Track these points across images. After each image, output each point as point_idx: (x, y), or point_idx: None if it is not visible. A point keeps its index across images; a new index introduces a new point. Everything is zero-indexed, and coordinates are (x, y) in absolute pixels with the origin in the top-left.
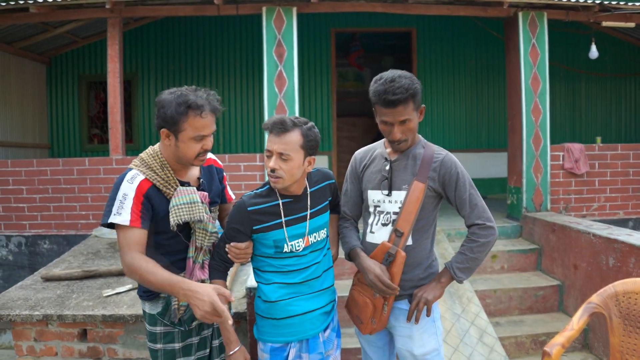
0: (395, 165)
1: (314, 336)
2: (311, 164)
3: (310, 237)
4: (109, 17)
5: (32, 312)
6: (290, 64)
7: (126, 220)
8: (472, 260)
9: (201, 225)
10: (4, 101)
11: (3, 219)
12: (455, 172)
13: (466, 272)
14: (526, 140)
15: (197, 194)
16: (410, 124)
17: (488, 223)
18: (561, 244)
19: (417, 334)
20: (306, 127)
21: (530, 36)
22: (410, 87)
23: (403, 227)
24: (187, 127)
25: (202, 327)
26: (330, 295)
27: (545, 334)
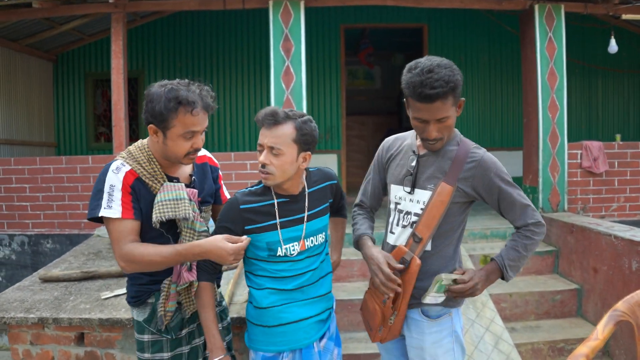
0: (423, 160)
1: (308, 346)
2: (306, 161)
3: (307, 241)
4: (113, 12)
5: (28, 314)
6: (298, 59)
7: (117, 213)
8: (523, 259)
9: (187, 224)
10: (9, 99)
11: (6, 218)
12: (496, 177)
13: (515, 270)
14: (542, 138)
15: (184, 190)
16: (448, 121)
17: (542, 220)
18: (580, 246)
19: (431, 347)
20: (301, 120)
21: (547, 30)
22: (451, 80)
23: (422, 233)
24: (177, 124)
25: (192, 335)
26: (326, 303)
27: (563, 341)
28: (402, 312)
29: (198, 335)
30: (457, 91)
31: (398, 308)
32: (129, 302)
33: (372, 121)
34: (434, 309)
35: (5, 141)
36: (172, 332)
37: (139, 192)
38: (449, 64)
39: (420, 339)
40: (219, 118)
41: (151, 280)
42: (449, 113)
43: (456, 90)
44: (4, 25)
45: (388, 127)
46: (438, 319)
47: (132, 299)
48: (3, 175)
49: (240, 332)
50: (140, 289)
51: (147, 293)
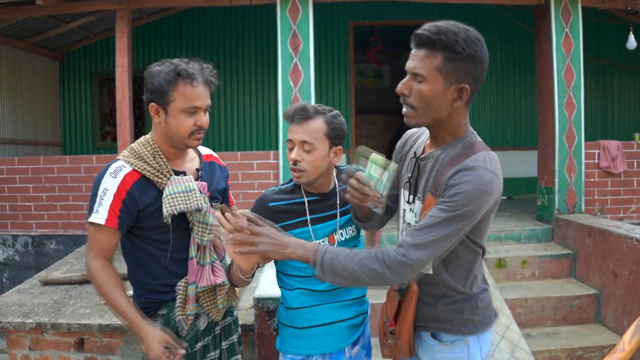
0: (422, 165)
1: (339, 350)
2: (337, 155)
3: (336, 235)
4: (118, 10)
5: (26, 319)
6: (306, 55)
7: (102, 219)
8: (351, 271)
9: (200, 217)
10: (15, 98)
11: (10, 218)
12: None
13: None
14: (559, 137)
15: (193, 182)
16: (423, 87)
17: (406, 259)
18: (599, 250)
19: None
20: (330, 114)
21: (563, 25)
22: (449, 36)
23: None
24: (177, 97)
25: (207, 349)
26: (359, 307)
27: (582, 348)
28: (403, 336)
29: (213, 348)
30: (453, 56)
31: (397, 332)
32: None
33: (381, 120)
34: (445, 334)
35: (10, 140)
36: (189, 347)
37: (141, 194)
38: (471, 33)
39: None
40: (225, 117)
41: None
42: (427, 74)
43: (451, 53)
44: (9, 23)
45: (397, 126)
46: (450, 345)
47: (141, 310)
48: (7, 175)
49: (247, 340)
50: (150, 299)
51: (157, 304)
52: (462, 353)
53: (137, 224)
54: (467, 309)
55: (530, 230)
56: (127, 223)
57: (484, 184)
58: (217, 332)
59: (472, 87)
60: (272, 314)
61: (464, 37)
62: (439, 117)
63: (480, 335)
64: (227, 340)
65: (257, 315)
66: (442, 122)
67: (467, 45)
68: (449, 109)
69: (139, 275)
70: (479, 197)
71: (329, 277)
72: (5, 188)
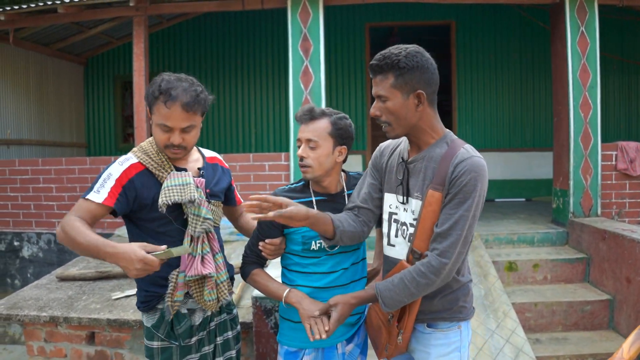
0: (412, 167)
1: (331, 346)
2: (342, 154)
3: None
4: (134, 16)
5: (40, 312)
6: (317, 58)
7: (100, 199)
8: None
9: (193, 210)
10: (41, 101)
11: (34, 217)
12: (466, 182)
13: (392, 303)
14: (574, 138)
15: (191, 177)
16: (388, 104)
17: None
18: (612, 254)
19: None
20: (336, 116)
21: (579, 24)
22: (395, 58)
23: (420, 248)
24: (156, 112)
25: (202, 343)
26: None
27: (591, 355)
28: (408, 330)
29: (207, 343)
30: (400, 72)
31: (404, 327)
32: (138, 307)
33: None
34: (442, 322)
35: (37, 142)
36: (181, 339)
37: (141, 184)
38: (410, 49)
39: (426, 352)
40: (243, 119)
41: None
42: (387, 93)
43: (398, 70)
44: (35, 30)
45: None
46: (445, 331)
47: (141, 304)
48: (31, 175)
49: (247, 337)
50: (150, 293)
51: (156, 298)
52: (456, 338)
53: (140, 214)
54: (462, 297)
55: (544, 233)
56: (123, 207)
57: (481, 168)
58: (212, 327)
59: (427, 90)
60: (270, 313)
61: (404, 54)
62: (411, 123)
63: (468, 321)
64: (222, 336)
65: (255, 313)
66: (417, 127)
67: (409, 60)
68: (417, 115)
69: None
70: (481, 180)
71: (396, 307)
72: (30, 188)
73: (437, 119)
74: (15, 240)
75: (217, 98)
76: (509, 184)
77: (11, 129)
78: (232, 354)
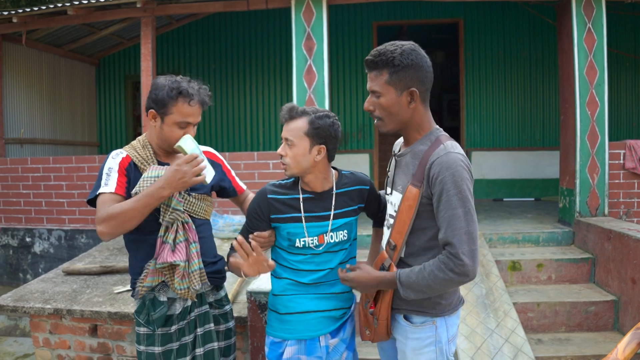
0: (399, 161)
1: (313, 338)
2: (321, 154)
3: (326, 236)
4: (142, 17)
5: (45, 305)
6: (320, 57)
7: (112, 188)
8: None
9: (167, 202)
10: (54, 101)
11: (45, 213)
12: (443, 180)
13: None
14: (580, 137)
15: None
16: (382, 100)
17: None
18: (618, 254)
19: (411, 354)
20: (315, 115)
21: (585, 20)
22: (390, 55)
23: (396, 240)
24: (175, 112)
25: (182, 332)
26: (341, 302)
27: (594, 356)
28: (382, 318)
29: (188, 332)
30: (395, 70)
31: (377, 312)
32: (133, 297)
33: None
34: (416, 315)
35: (50, 141)
36: (156, 325)
37: (132, 175)
38: (405, 47)
39: (404, 343)
40: (251, 118)
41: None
42: (380, 89)
43: (392, 68)
44: (47, 32)
45: None
46: (420, 326)
47: (132, 291)
48: (43, 173)
49: (244, 332)
50: (136, 280)
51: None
52: (430, 333)
53: None
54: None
55: (549, 232)
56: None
57: (454, 163)
58: (192, 317)
59: (420, 88)
60: (264, 308)
61: (400, 52)
62: (403, 119)
63: (447, 318)
64: (203, 327)
65: (249, 308)
66: (407, 123)
67: (404, 57)
68: (409, 112)
69: (132, 261)
70: (458, 175)
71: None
72: (42, 185)
73: (429, 116)
74: (27, 236)
75: (224, 97)
76: (517, 183)
77: (25, 128)
78: (214, 346)
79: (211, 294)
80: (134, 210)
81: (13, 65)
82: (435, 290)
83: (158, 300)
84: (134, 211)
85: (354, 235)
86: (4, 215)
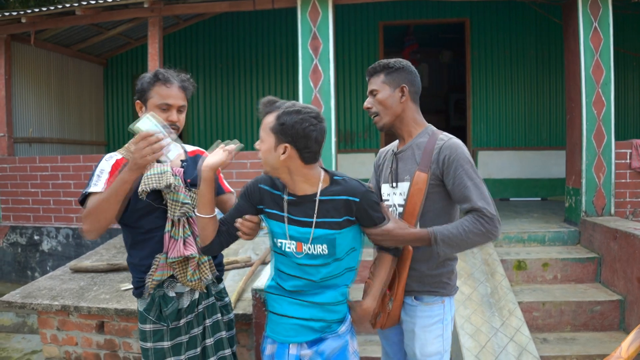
0: (400, 156)
1: (283, 343)
2: (285, 153)
3: (305, 246)
4: (149, 17)
5: (52, 302)
6: (326, 57)
7: (100, 188)
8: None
9: (172, 195)
10: (62, 101)
11: (53, 212)
12: (457, 158)
13: (447, 245)
14: (586, 136)
15: (169, 167)
16: (380, 96)
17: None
18: (624, 254)
19: (420, 331)
20: (284, 110)
21: (592, 20)
22: (386, 63)
23: (408, 221)
24: (154, 95)
25: (190, 325)
26: (322, 313)
27: (599, 356)
28: (398, 297)
29: (197, 325)
30: (389, 71)
31: (394, 294)
32: (134, 293)
33: None
34: (427, 296)
35: (58, 140)
36: (169, 320)
37: None
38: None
39: (412, 322)
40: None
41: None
42: (378, 87)
43: (388, 70)
44: (56, 32)
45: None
46: (430, 304)
47: (135, 290)
48: (51, 172)
49: (249, 328)
50: (141, 279)
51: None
52: (439, 311)
53: (129, 205)
54: (445, 274)
55: (555, 232)
56: None
57: (459, 145)
58: (200, 310)
59: (410, 88)
60: None
61: (394, 60)
62: (396, 113)
63: (451, 298)
64: (211, 318)
65: (254, 305)
66: (401, 118)
67: (396, 63)
68: (401, 106)
69: (133, 259)
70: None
71: (448, 250)
72: (50, 184)
73: (420, 115)
74: (35, 234)
75: (230, 96)
76: (524, 183)
77: (33, 128)
78: (223, 335)
79: (212, 286)
80: (107, 200)
81: (22, 65)
82: (467, 245)
83: (168, 296)
84: (107, 202)
85: (340, 254)
86: (13, 213)
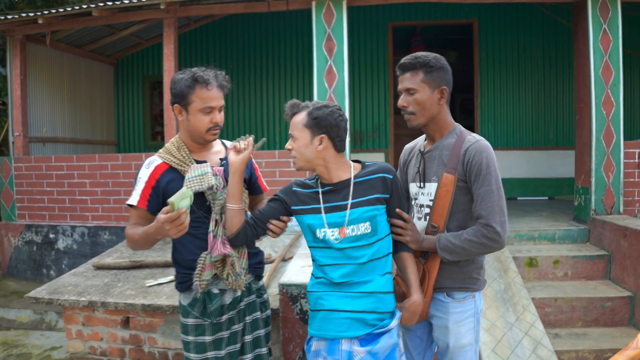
0: (427, 156)
1: (334, 339)
2: (323, 143)
3: (347, 229)
4: (165, 18)
5: (79, 297)
6: (340, 58)
7: (134, 201)
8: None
9: (215, 196)
10: (74, 101)
11: (69, 210)
12: (480, 162)
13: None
14: (596, 136)
15: (209, 168)
16: (417, 96)
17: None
18: (634, 251)
19: (454, 326)
20: (314, 107)
21: (601, 21)
22: (424, 58)
23: (437, 222)
24: (195, 99)
25: (232, 321)
26: (375, 303)
27: (611, 350)
28: (428, 295)
29: (238, 321)
30: (429, 70)
31: (425, 291)
32: (176, 287)
33: None
34: (458, 292)
35: (70, 140)
36: (213, 316)
37: (168, 181)
38: (436, 54)
39: (445, 319)
40: (268, 117)
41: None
42: (417, 87)
43: (428, 68)
44: (69, 32)
45: None
46: (462, 301)
47: (179, 284)
48: (66, 171)
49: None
50: (186, 274)
51: (191, 279)
52: (471, 305)
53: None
54: (475, 270)
55: (565, 230)
56: (154, 205)
57: (487, 147)
58: (241, 307)
59: (449, 88)
60: (295, 299)
61: (433, 56)
62: (432, 115)
63: (480, 292)
64: (251, 316)
65: (281, 300)
66: (435, 119)
67: (437, 61)
68: (438, 108)
69: (177, 254)
70: (491, 157)
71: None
72: (65, 183)
73: (449, 114)
74: (50, 232)
75: (243, 97)
76: (531, 182)
77: (47, 127)
78: (261, 333)
79: (253, 283)
80: (142, 241)
81: (36, 65)
82: (468, 253)
83: (212, 293)
84: (143, 241)
85: (382, 234)
86: (28, 212)
